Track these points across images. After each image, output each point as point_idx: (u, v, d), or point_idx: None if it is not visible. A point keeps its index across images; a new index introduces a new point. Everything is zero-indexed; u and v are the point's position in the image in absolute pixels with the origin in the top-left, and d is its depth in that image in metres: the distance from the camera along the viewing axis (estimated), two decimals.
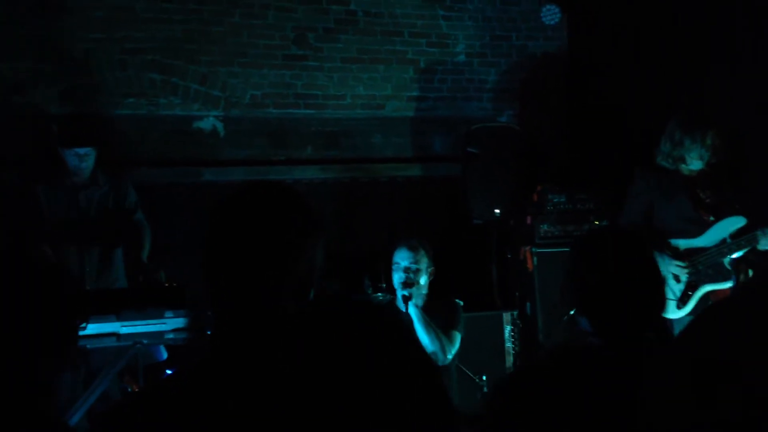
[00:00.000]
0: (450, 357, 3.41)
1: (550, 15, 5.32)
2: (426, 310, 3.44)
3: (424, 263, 3.50)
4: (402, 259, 3.49)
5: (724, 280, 3.28)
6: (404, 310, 3.43)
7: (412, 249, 3.51)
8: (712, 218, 3.34)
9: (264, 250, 1.13)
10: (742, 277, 3.25)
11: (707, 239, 3.34)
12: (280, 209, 1.17)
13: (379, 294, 3.91)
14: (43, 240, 3.63)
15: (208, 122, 5.00)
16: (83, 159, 3.63)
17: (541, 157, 5.38)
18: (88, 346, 2.91)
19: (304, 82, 5.18)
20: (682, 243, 3.38)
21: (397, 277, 3.48)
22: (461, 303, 3.74)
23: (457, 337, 3.46)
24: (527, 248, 4.63)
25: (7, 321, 1.42)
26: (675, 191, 3.40)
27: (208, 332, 3.59)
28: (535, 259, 4.57)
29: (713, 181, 3.39)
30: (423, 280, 3.49)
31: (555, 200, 4.65)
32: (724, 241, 3.32)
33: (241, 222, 1.15)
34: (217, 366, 1.11)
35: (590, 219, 4.62)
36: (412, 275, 3.45)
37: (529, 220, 4.67)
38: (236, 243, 1.14)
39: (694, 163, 3.36)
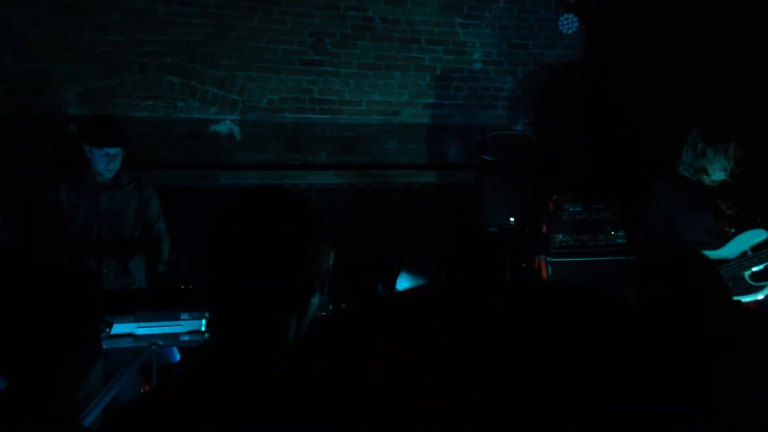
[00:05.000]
0: None
1: (568, 24, 5.31)
2: None
3: None
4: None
5: (744, 293, 3.25)
6: None
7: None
8: (733, 230, 3.31)
9: (265, 256, 1.14)
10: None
11: (728, 251, 3.31)
12: (283, 215, 1.17)
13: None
14: (64, 241, 3.64)
15: (225, 126, 5.02)
16: (113, 159, 3.63)
17: (556, 165, 5.36)
18: (105, 347, 2.92)
19: (320, 87, 5.19)
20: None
21: None
22: None
23: None
24: (542, 257, 4.60)
25: (33, 326, 1.43)
26: (696, 202, 3.38)
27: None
28: (549, 268, 4.54)
29: (735, 192, 3.37)
30: None
31: (571, 209, 4.62)
32: (744, 254, 3.29)
33: (243, 227, 1.16)
34: (215, 371, 1.12)
35: (606, 229, 4.59)
36: None
37: (544, 229, 4.64)
38: (237, 248, 1.15)
39: (717, 174, 3.34)
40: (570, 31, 5.37)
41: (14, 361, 1.43)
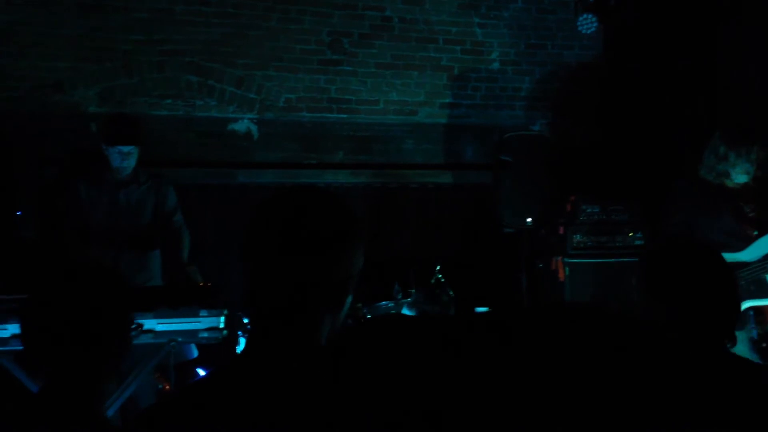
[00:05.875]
0: None
1: (587, 24, 5.27)
2: None
3: None
4: None
5: (766, 296, 3.22)
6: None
7: None
8: (755, 233, 3.28)
9: (302, 255, 1.13)
10: None
11: (750, 254, 3.27)
12: (321, 214, 1.16)
13: (388, 303, 3.93)
14: (82, 237, 3.68)
15: (243, 125, 5.04)
16: (126, 157, 3.67)
17: (574, 166, 5.34)
18: None
19: (337, 86, 5.20)
20: (724, 257, 3.30)
21: None
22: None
23: None
24: (559, 258, 4.58)
25: (66, 325, 1.44)
26: (718, 204, 3.34)
27: (239, 333, 3.62)
28: (566, 269, 4.53)
29: (757, 194, 3.33)
30: None
31: (588, 210, 4.60)
32: (767, 256, 3.26)
33: (281, 226, 1.14)
34: (249, 371, 1.12)
35: (624, 230, 4.57)
36: None
37: (561, 229, 4.62)
38: (274, 247, 1.14)
39: (739, 178, 3.30)
40: (589, 32, 5.33)
41: (49, 361, 1.44)
